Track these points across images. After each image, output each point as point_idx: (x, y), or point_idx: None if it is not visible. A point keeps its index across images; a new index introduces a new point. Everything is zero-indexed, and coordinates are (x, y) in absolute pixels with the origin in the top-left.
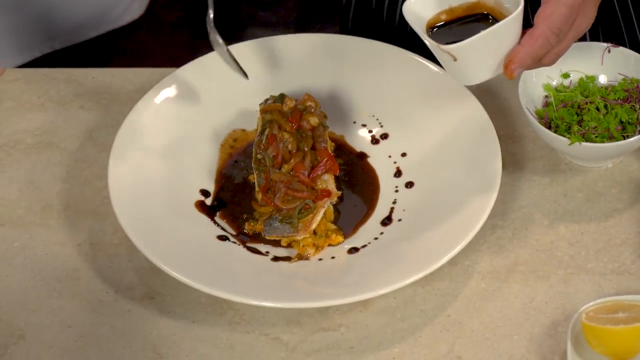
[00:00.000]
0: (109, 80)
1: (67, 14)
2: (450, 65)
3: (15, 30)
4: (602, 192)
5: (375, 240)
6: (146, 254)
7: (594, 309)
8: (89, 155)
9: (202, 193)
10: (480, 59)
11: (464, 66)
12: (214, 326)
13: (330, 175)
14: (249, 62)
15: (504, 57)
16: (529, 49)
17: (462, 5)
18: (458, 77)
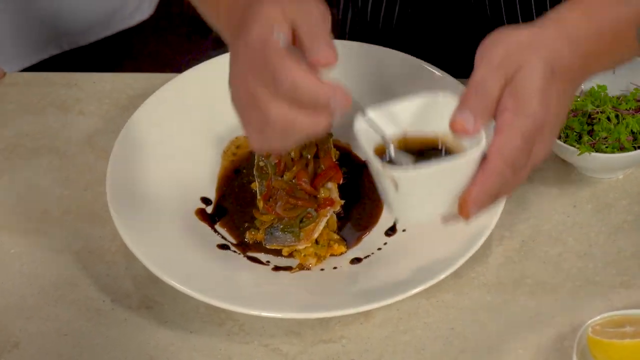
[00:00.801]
0: (110, 85)
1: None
2: (390, 194)
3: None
4: (612, 203)
5: (378, 251)
6: (144, 262)
7: (600, 323)
8: (89, 160)
9: (203, 201)
10: (426, 194)
11: (405, 199)
12: (212, 336)
13: (334, 183)
14: None
15: (454, 197)
16: (483, 187)
17: (417, 136)
18: (396, 210)
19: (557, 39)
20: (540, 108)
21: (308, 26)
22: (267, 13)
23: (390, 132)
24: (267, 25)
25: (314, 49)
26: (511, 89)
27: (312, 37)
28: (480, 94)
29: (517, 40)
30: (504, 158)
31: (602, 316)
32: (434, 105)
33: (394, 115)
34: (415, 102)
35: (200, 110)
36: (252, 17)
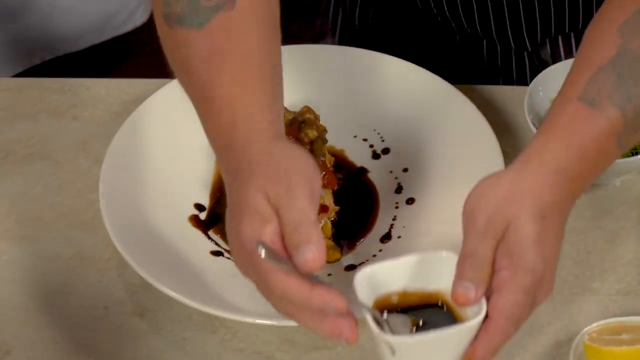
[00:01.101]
0: (104, 90)
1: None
2: (386, 357)
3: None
4: (609, 210)
5: (373, 258)
6: (137, 269)
7: (597, 330)
8: (82, 167)
9: (197, 207)
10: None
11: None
12: (206, 344)
13: (328, 189)
14: None
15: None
16: (488, 346)
17: (418, 291)
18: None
19: (539, 177)
20: (537, 260)
21: (292, 216)
22: (253, 206)
23: (390, 288)
24: (253, 226)
25: (299, 252)
26: (504, 247)
27: (296, 233)
28: (474, 264)
29: (498, 197)
30: (507, 316)
31: (598, 323)
32: (435, 262)
33: (394, 271)
34: (416, 259)
35: (195, 115)
36: (240, 211)
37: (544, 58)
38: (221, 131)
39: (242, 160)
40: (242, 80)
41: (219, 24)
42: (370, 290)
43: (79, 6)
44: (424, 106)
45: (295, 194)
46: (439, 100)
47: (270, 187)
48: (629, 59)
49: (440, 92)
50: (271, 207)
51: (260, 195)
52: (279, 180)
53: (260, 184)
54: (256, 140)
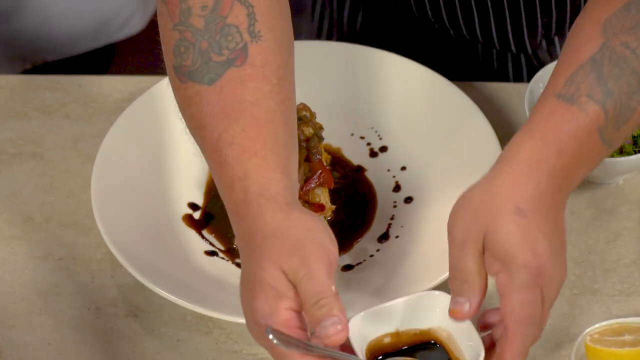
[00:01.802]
0: (97, 88)
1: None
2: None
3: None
4: (611, 210)
5: (370, 258)
6: (130, 269)
7: (599, 331)
8: (74, 166)
9: (190, 206)
10: None
11: None
12: (200, 345)
13: (325, 188)
14: None
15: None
16: (512, 354)
17: (410, 330)
18: None
19: (512, 176)
20: (528, 255)
21: (312, 290)
22: (267, 281)
23: (382, 330)
24: (268, 302)
25: (322, 327)
26: (490, 253)
27: (317, 307)
28: (461, 277)
29: (474, 206)
30: (518, 319)
31: (600, 324)
32: (426, 300)
33: (385, 313)
34: (407, 299)
35: None
36: (254, 285)
37: (541, 58)
38: (234, 199)
39: (255, 232)
40: (253, 143)
41: (230, 80)
42: (363, 334)
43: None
44: (423, 103)
45: (313, 267)
46: (437, 98)
47: (286, 262)
48: (609, 56)
49: (439, 89)
50: (288, 281)
51: (276, 270)
52: (295, 253)
53: (275, 258)
54: (270, 210)
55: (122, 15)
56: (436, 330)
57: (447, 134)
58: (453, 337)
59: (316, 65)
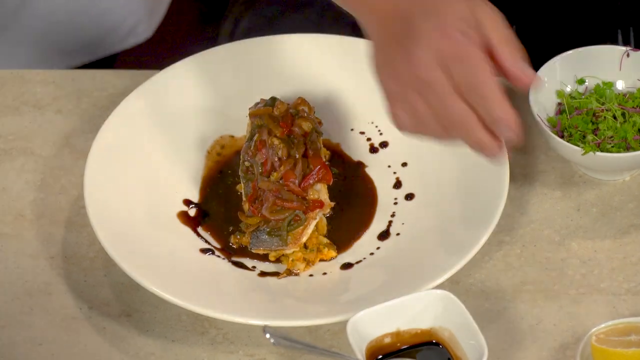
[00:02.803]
0: (90, 82)
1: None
2: None
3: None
4: (618, 206)
5: (370, 256)
6: (124, 267)
7: (604, 331)
8: (66, 162)
9: (186, 203)
10: None
11: None
12: (195, 346)
13: (323, 184)
14: (239, 62)
15: None
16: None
17: (411, 330)
18: None
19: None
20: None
21: (501, 35)
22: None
23: (383, 330)
24: (462, 19)
25: (517, 64)
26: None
27: (510, 47)
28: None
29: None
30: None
31: (607, 324)
32: (427, 300)
33: (385, 313)
34: (407, 299)
35: (183, 108)
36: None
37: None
38: None
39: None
40: None
41: None
42: (363, 334)
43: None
44: None
45: (497, 19)
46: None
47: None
48: None
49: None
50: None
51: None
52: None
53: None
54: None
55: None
56: (437, 329)
57: None
58: (455, 337)
59: (316, 58)
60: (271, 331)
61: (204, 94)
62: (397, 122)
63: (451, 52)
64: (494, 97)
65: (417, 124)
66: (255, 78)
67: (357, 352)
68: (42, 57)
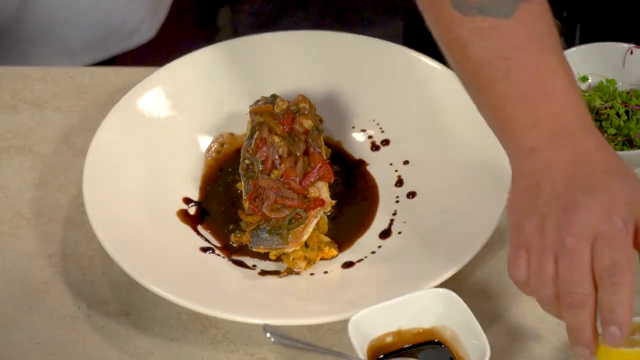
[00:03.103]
0: (89, 79)
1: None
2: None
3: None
4: None
5: (372, 255)
6: (123, 266)
7: None
8: (64, 160)
9: (185, 201)
10: None
11: None
12: (195, 345)
13: (324, 183)
14: (240, 60)
15: None
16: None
17: (413, 329)
18: None
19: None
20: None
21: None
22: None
23: (384, 329)
24: (627, 203)
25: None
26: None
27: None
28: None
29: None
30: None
31: None
32: (429, 299)
33: (387, 312)
34: (409, 298)
35: (183, 105)
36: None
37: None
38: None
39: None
40: (562, 71)
41: (526, 14)
42: (364, 334)
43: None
44: (426, 95)
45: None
46: (442, 89)
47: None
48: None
49: (443, 80)
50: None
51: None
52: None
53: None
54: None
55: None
56: (440, 329)
57: (452, 127)
58: (457, 336)
59: (317, 55)
60: (272, 330)
61: (204, 91)
62: (514, 270)
63: (607, 236)
64: (625, 296)
65: (534, 283)
66: (256, 75)
67: (359, 352)
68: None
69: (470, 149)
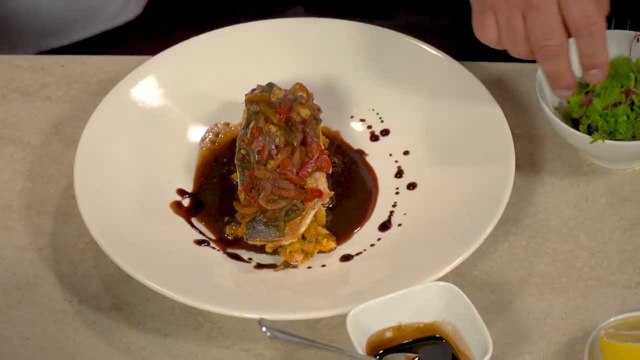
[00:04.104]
0: (80, 68)
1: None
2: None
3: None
4: (627, 196)
5: (371, 247)
6: (115, 259)
7: (614, 325)
8: (55, 150)
9: (179, 193)
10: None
11: None
12: (189, 340)
13: (322, 173)
14: (235, 48)
15: None
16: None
17: (413, 324)
18: None
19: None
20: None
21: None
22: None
23: (384, 324)
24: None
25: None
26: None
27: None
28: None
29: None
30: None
31: (616, 318)
32: (430, 293)
33: (387, 305)
34: (410, 292)
35: (177, 94)
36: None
37: None
38: None
39: None
40: None
41: None
42: (363, 329)
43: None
44: (427, 84)
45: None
46: (442, 78)
47: None
48: None
49: (444, 69)
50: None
51: None
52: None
53: None
54: None
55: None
56: (441, 323)
57: (453, 116)
58: (459, 331)
59: (315, 42)
60: (267, 324)
61: (198, 80)
62: (483, 31)
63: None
64: (602, 42)
65: (508, 42)
66: (252, 63)
67: (358, 347)
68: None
69: (471, 139)
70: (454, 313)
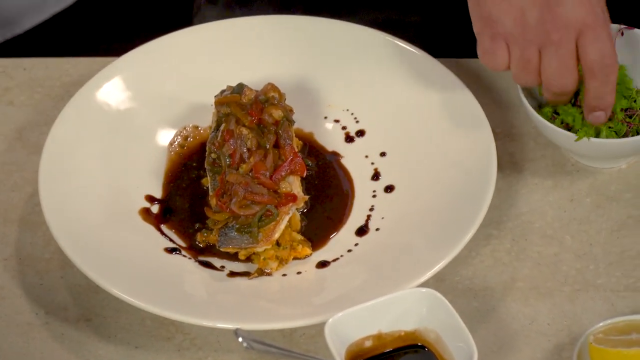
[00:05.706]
0: (43, 71)
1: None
2: None
3: None
4: (614, 196)
5: (348, 253)
6: (82, 269)
7: (603, 330)
8: (18, 157)
9: (148, 199)
10: None
11: None
12: (160, 352)
13: (296, 177)
14: (204, 47)
15: None
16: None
17: (394, 332)
18: None
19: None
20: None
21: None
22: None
23: (364, 332)
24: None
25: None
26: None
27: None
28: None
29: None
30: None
31: (605, 323)
32: (411, 300)
33: (366, 313)
34: (390, 298)
35: (143, 97)
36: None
37: None
38: None
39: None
40: None
41: None
42: (342, 338)
43: None
44: (404, 82)
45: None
46: (420, 76)
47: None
48: None
49: (422, 67)
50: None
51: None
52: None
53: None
54: None
55: None
56: (423, 331)
57: (432, 116)
58: (441, 339)
59: (285, 41)
60: (244, 334)
61: (166, 81)
62: (493, 59)
63: (593, 28)
64: (613, 86)
65: (519, 72)
66: (221, 63)
67: (336, 357)
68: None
69: (450, 139)
70: (436, 320)
